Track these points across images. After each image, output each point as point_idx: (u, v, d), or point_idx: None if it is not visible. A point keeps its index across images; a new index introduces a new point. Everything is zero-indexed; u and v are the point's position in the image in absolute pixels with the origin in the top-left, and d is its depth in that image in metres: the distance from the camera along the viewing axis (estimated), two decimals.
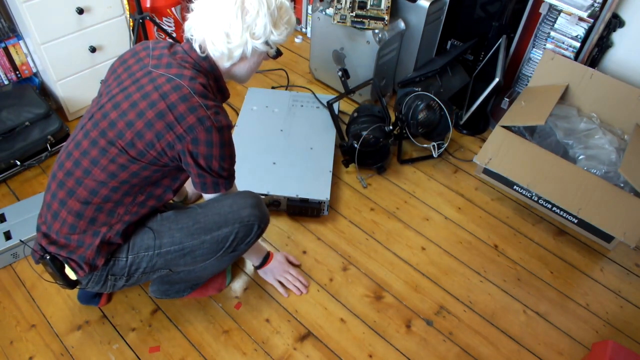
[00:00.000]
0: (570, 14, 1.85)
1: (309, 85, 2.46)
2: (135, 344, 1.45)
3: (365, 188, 1.97)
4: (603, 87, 1.88)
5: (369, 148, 1.93)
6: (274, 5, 1.18)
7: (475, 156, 1.86)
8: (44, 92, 2.16)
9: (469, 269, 1.72)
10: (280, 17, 1.21)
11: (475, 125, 2.25)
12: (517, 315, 1.60)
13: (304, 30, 2.84)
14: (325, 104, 2.15)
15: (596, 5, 1.77)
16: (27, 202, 1.72)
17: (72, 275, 1.21)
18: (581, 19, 1.84)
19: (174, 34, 2.27)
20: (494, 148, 1.83)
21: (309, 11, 2.72)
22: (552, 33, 1.95)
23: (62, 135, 1.98)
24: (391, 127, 1.91)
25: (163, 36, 2.24)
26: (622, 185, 1.71)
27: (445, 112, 1.96)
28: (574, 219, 1.75)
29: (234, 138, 1.27)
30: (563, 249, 1.80)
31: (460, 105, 2.26)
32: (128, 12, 2.13)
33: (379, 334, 1.52)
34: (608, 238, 1.71)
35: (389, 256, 1.74)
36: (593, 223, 1.67)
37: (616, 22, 1.85)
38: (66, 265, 1.20)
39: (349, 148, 1.94)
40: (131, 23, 2.07)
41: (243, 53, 1.20)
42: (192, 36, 1.20)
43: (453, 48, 2.32)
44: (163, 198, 1.27)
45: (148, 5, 2.15)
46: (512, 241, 1.82)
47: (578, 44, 1.90)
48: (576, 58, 1.94)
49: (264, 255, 1.59)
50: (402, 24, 2.15)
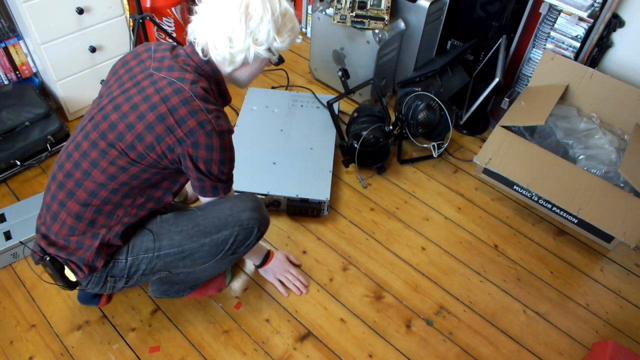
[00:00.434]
0: (570, 14, 1.85)
1: (309, 85, 2.46)
2: (135, 344, 1.45)
3: (365, 188, 1.97)
4: (603, 87, 1.88)
5: (369, 148, 1.93)
6: (279, 11, 1.17)
7: (475, 156, 1.86)
8: (44, 92, 2.16)
9: (469, 269, 1.72)
10: (284, 25, 1.20)
11: (475, 125, 2.25)
12: (517, 315, 1.60)
13: (304, 30, 2.84)
14: (325, 104, 2.15)
15: (596, 5, 1.77)
16: (27, 202, 1.72)
17: (72, 276, 1.21)
18: (581, 19, 1.84)
19: (174, 34, 2.27)
20: (494, 148, 1.83)
21: (309, 11, 2.72)
22: (552, 33, 1.95)
23: (62, 135, 1.98)
24: (391, 127, 1.91)
25: (163, 36, 2.24)
26: (622, 185, 1.71)
27: (445, 112, 1.96)
28: (574, 219, 1.75)
29: (234, 138, 1.27)
30: (563, 249, 1.80)
31: (460, 105, 2.26)
32: (128, 12, 2.13)
33: (379, 334, 1.52)
34: (608, 238, 1.71)
35: (389, 256, 1.74)
36: (593, 223, 1.67)
37: (616, 22, 1.85)
38: (66, 266, 1.20)
39: (349, 148, 1.94)
40: (131, 23, 2.07)
41: (245, 58, 1.19)
42: (195, 39, 1.19)
43: (453, 48, 2.32)
44: (162, 200, 1.27)
45: (148, 5, 2.15)
46: (512, 241, 1.82)
47: (578, 44, 1.90)
48: (576, 58, 1.94)
49: (264, 254, 1.59)
50: (402, 24, 2.15)
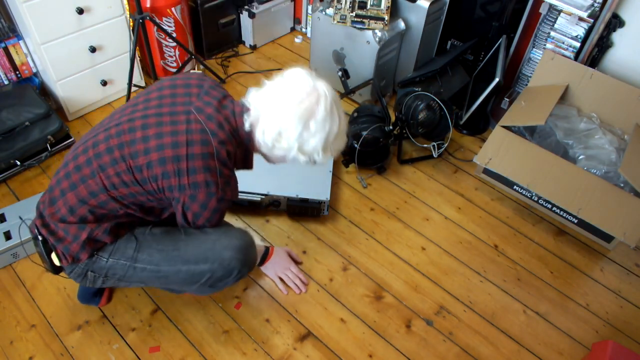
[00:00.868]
0: (570, 14, 1.85)
1: None
2: (135, 344, 1.45)
3: (365, 188, 1.97)
4: (603, 87, 1.88)
5: (369, 148, 1.93)
6: (334, 134, 1.18)
7: (475, 156, 1.86)
8: (44, 92, 2.16)
9: (469, 269, 1.72)
10: (333, 145, 1.21)
11: (475, 125, 2.25)
12: (517, 315, 1.60)
13: (304, 30, 2.84)
14: None
15: (596, 5, 1.77)
16: (27, 202, 1.72)
17: (57, 261, 1.22)
18: (581, 19, 1.84)
19: (174, 34, 2.27)
20: (494, 148, 1.83)
21: (309, 11, 2.72)
22: (552, 33, 1.95)
23: (62, 135, 1.98)
24: (391, 127, 1.91)
25: (163, 36, 2.24)
26: (622, 185, 1.71)
27: (445, 112, 1.96)
28: (574, 219, 1.75)
29: None
30: (563, 249, 1.80)
31: (460, 105, 2.26)
32: (128, 12, 2.13)
33: (379, 334, 1.52)
34: (608, 238, 1.71)
35: (389, 256, 1.74)
36: (593, 223, 1.67)
37: (616, 22, 1.85)
38: (53, 251, 1.21)
39: (349, 148, 1.94)
40: (131, 23, 2.07)
41: (283, 154, 1.21)
42: (249, 108, 1.19)
43: (453, 48, 2.32)
44: (158, 218, 1.29)
45: (148, 5, 2.15)
46: (512, 241, 1.82)
47: (578, 44, 1.90)
48: (576, 58, 1.94)
49: (262, 254, 1.59)
50: (402, 24, 2.15)
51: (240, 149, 1.23)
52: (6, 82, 2.03)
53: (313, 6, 2.26)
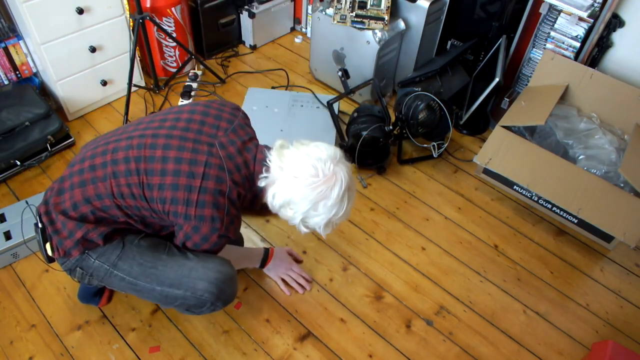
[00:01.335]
0: (570, 14, 1.85)
1: (309, 85, 2.46)
2: (135, 344, 1.45)
3: (365, 188, 1.97)
4: (603, 87, 1.88)
5: (369, 148, 1.93)
6: (338, 217, 1.20)
7: (475, 156, 1.86)
8: (44, 92, 2.16)
9: (469, 269, 1.72)
10: (334, 224, 1.24)
11: (475, 125, 2.25)
12: (517, 315, 1.60)
13: (304, 30, 2.84)
14: (325, 104, 2.14)
15: (596, 5, 1.77)
16: (28, 202, 1.72)
17: (50, 252, 1.23)
18: (581, 19, 1.84)
19: (174, 34, 2.27)
20: (494, 148, 1.83)
21: (309, 11, 2.72)
22: (552, 33, 1.95)
23: (62, 135, 1.98)
24: (391, 127, 1.91)
25: (163, 36, 2.24)
26: (622, 185, 1.71)
27: (445, 112, 1.96)
28: (574, 219, 1.75)
29: None
30: (563, 249, 1.80)
31: (460, 105, 2.26)
32: (128, 12, 2.13)
33: (379, 334, 1.52)
34: (608, 238, 1.71)
35: (389, 256, 1.74)
36: (593, 223, 1.67)
37: (616, 22, 1.85)
38: (48, 241, 1.22)
39: (349, 148, 1.94)
40: (131, 23, 2.07)
41: (286, 219, 1.23)
42: (269, 167, 1.20)
43: (453, 48, 2.32)
44: (157, 233, 1.30)
45: (148, 5, 2.15)
46: (512, 241, 1.82)
47: (578, 44, 1.90)
48: (576, 58, 1.94)
49: (261, 258, 1.59)
50: (402, 24, 2.15)
51: (250, 194, 1.26)
52: (6, 82, 2.03)
53: (313, 6, 2.26)
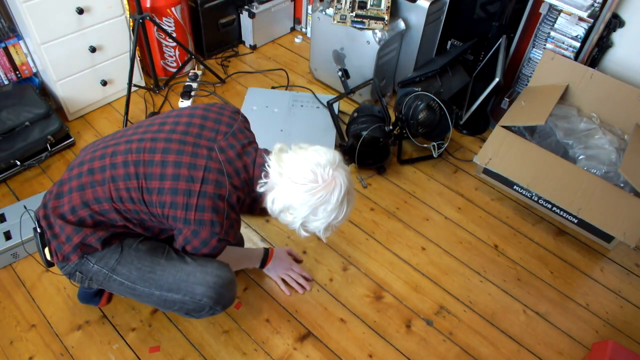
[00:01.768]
0: (570, 14, 1.85)
1: (309, 85, 2.46)
2: (135, 344, 1.45)
3: (365, 188, 1.97)
4: (603, 87, 1.88)
5: (369, 148, 1.93)
6: (337, 220, 1.20)
7: (475, 156, 1.86)
8: (44, 92, 2.16)
9: (469, 269, 1.72)
10: (334, 227, 1.23)
11: (475, 125, 2.25)
12: (517, 315, 1.60)
13: (304, 30, 2.84)
14: (325, 104, 2.15)
15: (596, 5, 1.77)
16: (27, 202, 1.72)
17: (49, 257, 1.23)
18: (581, 19, 1.84)
19: (174, 34, 2.27)
20: (494, 148, 1.83)
21: (309, 11, 2.72)
22: (552, 33, 1.95)
23: (62, 135, 1.98)
24: (391, 127, 1.91)
25: (163, 36, 2.24)
26: (622, 185, 1.71)
27: (445, 112, 1.96)
28: (574, 219, 1.75)
29: None
30: (563, 249, 1.80)
31: (460, 105, 2.26)
32: (128, 12, 2.13)
33: (379, 334, 1.52)
34: (608, 238, 1.71)
35: (389, 256, 1.74)
36: (593, 223, 1.67)
37: (616, 22, 1.85)
38: (47, 245, 1.22)
39: (349, 148, 1.94)
40: (131, 23, 2.07)
41: (286, 223, 1.23)
42: (268, 173, 1.20)
43: (453, 48, 2.32)
44: (156, 237, 1.30)
45: (148, 5, 2.15)
46: (512, 241, 1.82)
47: (578, 44, 1.90)
48: (576, 58, 1.94)
49: (261, 258, 1.59)
50: (402, 24, 2.15)
51: (249, 198, 1.26)
52: (6, 82, 2.03)
53: (313, 6, 2.26)
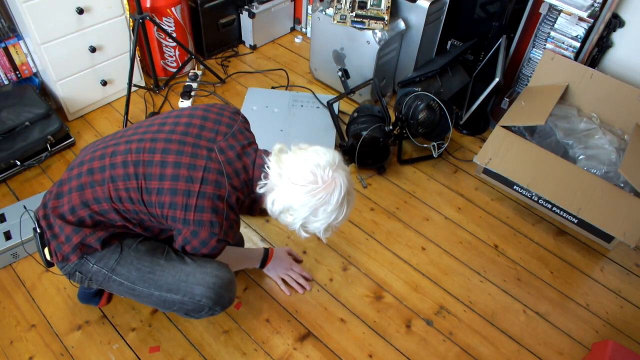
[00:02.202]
0: (570, 14, 1.85)
1: (309, 85, 2.45)
2: (135, 344, 1.45)
3: (365, 188, 1.97)
4: (603, 87, 1.88)
5: (369, 148, 1.93)
6: (337, 221, 1.20)
7: (475, 156, 1.86)
8: (44, 92, 2.16)
9: (469, 269, 1.72)
10: (334, 227, 1.23)
11: (475, 125, 2.25)
12: (517, 315, 1.60)
13: (304, 30, 2.84)
14: (325, 104, 2.15)
15: (596, 5, 1.77)
16: (27, 202, 1.72)
17: (49, 257, 1.23)
18: (581, 19, 1.84)
19: (174, 34, 2.27)
20: (494, 148, 1.83)
21: (309, 11, 2.72)
22: (552, 33, 1.95)
23: (62, 135, 1.98)
24: (391, 127, 1.91)
25: (163, 36, 2.24)
26: (622, 185, 1.71)
27: (445, 112, 1.96)
28: (574, 219, 1.75)
29: None
30: (563, 249, 1.80)
31: (460, 105, 2.26)
32: (128, 12, 2.13)
33: (379, 334, 1.52)
34: (608, 238, 1.71)
35: (389, 256, 1.74)
36: (593, 223, 1.67)
37: (616, 22, 1.85)
38: (47, 245, 1.22)
39: (349, 148, 1.94)
40: (131, 23, 2.07)
41: (286, 224, 1.22)
42: (268, 174, 1.19)
43: (453, 48, 2.32)
44: (156, 237, 1.30)
45: (148, 5, 2.15)
46: (512, 241, 1.82)
47: (578, 44, 1.90)
48: (576, 58, 1.94)
49: (261, 258, 1.59)
50: (402, 24, 2.15)
51: (249, 199, 1.25)
52: (6, 82, 2.03)
53: (313, 6, 2.26)
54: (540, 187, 1.75)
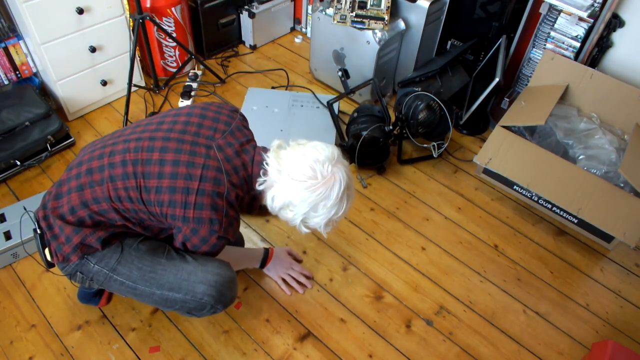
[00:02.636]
0: (570, 14, 1.85)
1: (309, 85, 2.45)
2: (135, 344, 1.45)
3: (365, 188, 1.97)
4: (603, 87, 1.88)
5: (369, 148, 1.93)
6: (338, 216, 1.20)
7: (475, 156, 1.86)
8: (44, 92, 2.16)
9: (469, 269, 1.72)
10: (335, 221, 1.23)
11: (475, 125, 2.25)
12: (517, 315, 1.60)
13: (304, 30, 2.84)
14: (325, 104, 2.15)
15: (596, 5, 1.77)
16: (27, 202, 1.72)
17: (50, 257, 1.23)
18: (581, 19, 1.84)
19: (174, 34, 2.27)
20: (494, 148, 1.83)
21: (309, 11, 2.72)
22: (552, 33, 1.95)
23: (62, 135, 1.98)
24: (391, 127, 1.91)
25: (163, 36, 2.24)
26: (622, 185, 1.71)
27: (445, 112, 1.96)
28: (574, 219, 1.75)
29: None
30: (563, 249, 1.80)
31: (460, 105, 2.26)
32: (128, 12, 2.13)
33: (379, 334, 1.52)
34: (608, 238, 1.71)
35: (389, 256, 1.74)
36: (593, 223, 1.67)
37: (616, 22, 1.85)
38: (47, 246, 1.22)
39: (349, 148, 1.94)
40: (131, 23, 2.07)
41: (286, 220, 1.22)
42: (267, 171, 1.19)
43: (453, 48, 2.32)
44: (156, 236, 1.30)
45: (148, 5, 2.15)
46: (512, 241, 1.82)
47: (578, 44, 1.90)
48: (576, 58, 1.94)
49: (261, 258, 1.59)
50: (402, 24, 2.15)
51: (248, 196, 1.25)
52: (6, 82, 2.03)
53: (313, 6, 2.26)
54: (540, 187, 1.75)
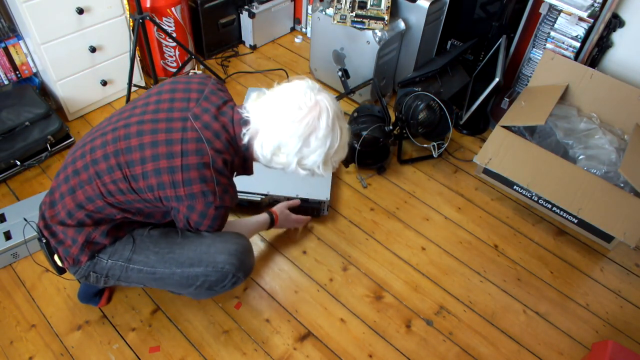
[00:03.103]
0: (570, 14, 1.85)
1: None
2: (135, 344, 1.45)
3: (365, 188, 1.97)
4: (603, 87, 1.88)
5: (369, 148, 1.93)
6: (334, 149, 1.16)
7: (475, 156, 1.86)
8: (44, 92, 2.16)
9: (469, 269, 1.72)
10: (333, 158, 1.19)
11: (475, 125, 2.25)
12: (517, 315, 1.60)
13: (304, 30, 2.84)
14: None
15: (596, 5, 1.77)
16: (27, 202, 1.72)
17: (60, 263, 1.23)
18: (581, 19, 1.84)
19: (174, 34, 2.27)
20: (494, 148, 1.83)
21: (309, 11, 2.72)
22: (552, 33, 1.95)
23: (62, 135, 1.98)
24: (391, 127, 1.91)
25: (163, 36, 2.24)
26: (622, 185, 1.71)
27: (445, 112, 1.96)
28: (574, 219, 1.75)
29: None
30: (563, 249, 1.80)
31: (460, 105, 2.26)
32: (128, 12, 2.13)
33: (379, 334, 1.52)
34: (608, 238, 1.71)
35: (389, 256, 1.74)
36: (593, 223, 1.67)
37: (616, 22, 1.85)
38: (55, 253, 1.22)
39: (349, 148, 1.93)
40: (131, 23, 2.07)
41: (282, 167, 1.18)
42: (248, 120, 1.16)
43: (453, 48, 2.32)
44: (158, 222, 1.29)
45: (148, 5, 2.15)
46: (512, 241, 1.82)
47: (578, 44, 1.90)
48: (576, 58, 1.94)
49: (269, 222, 1.58)
50: (402, 24, 2.15)
51: (238, 157, 1.21)
52: (6, 82, 2.03)
53: (313, 6, 2.26)
54: (540, 187, 1.75)
